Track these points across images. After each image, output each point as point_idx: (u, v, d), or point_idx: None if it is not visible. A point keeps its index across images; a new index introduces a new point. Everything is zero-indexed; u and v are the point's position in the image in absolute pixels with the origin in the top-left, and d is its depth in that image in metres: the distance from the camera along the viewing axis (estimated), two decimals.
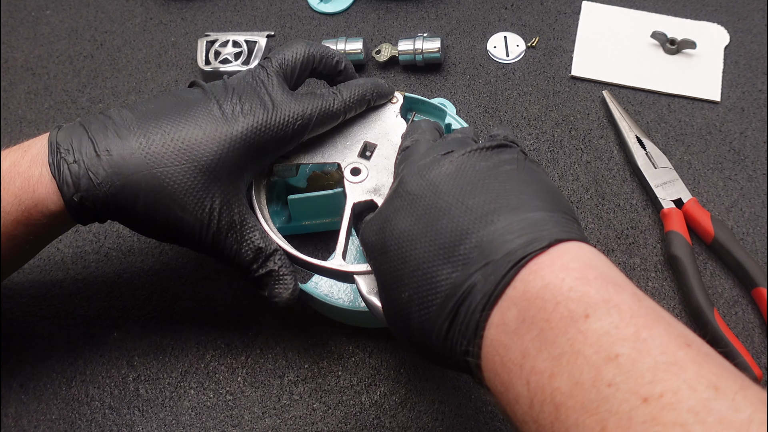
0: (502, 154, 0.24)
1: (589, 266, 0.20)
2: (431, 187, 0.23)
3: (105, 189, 0.26)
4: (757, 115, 0.42)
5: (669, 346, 0.17)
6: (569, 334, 0.18)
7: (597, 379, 0.17)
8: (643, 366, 0.16)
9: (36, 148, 0.28)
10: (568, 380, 0.17)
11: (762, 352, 0.34)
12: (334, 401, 0.34)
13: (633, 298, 0.19)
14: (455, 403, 0.33)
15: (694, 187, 0.39)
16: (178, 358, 0.35)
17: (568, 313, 0.19)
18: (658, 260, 0.37)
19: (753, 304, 0.35)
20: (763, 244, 0.37)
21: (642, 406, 0.16)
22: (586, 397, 0.17)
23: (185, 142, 0.27)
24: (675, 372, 0.16)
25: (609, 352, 0.17)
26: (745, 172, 0.40)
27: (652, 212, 0.39)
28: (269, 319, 0.36)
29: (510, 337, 0.19)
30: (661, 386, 0.16)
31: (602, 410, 0.16)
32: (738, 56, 0.44)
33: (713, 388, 0.16)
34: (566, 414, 0.17)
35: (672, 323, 0.19)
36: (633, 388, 0.16)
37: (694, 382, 0.16)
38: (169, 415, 0.34)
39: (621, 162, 0.41)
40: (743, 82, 0.43)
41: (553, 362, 0.18)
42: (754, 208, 0.38)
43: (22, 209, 0.27)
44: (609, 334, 0.18)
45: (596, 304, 0.18)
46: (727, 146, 0.41)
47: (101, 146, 0.27)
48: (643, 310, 0.19)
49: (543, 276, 0.20)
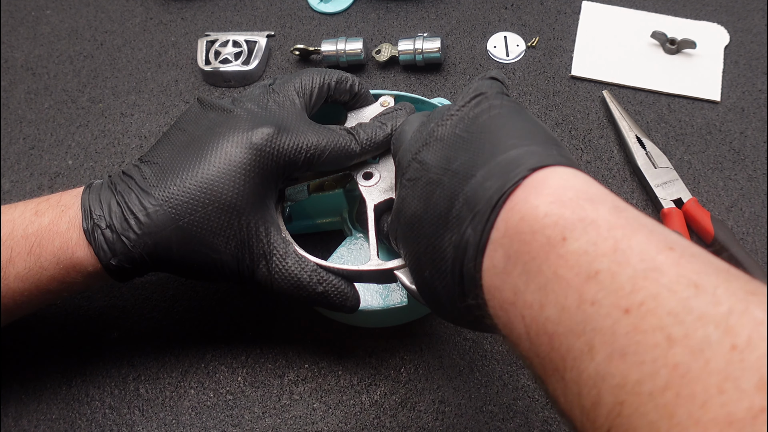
0: (477, 107, 0.24)
1: (564, 187, 0.20)
2: (423, 166, 0.24)
3: (139, 249, 0.27)
4: (757, 115, 0.42)
5: (648, 252, 0.17)
6: (550, 261, 0.18)
7: (580, 300, 0.17)
8: (623, 277, 0.16)
9: (72, 210, 0.29)
10: (555, 307, 0.17)
11: None
12: (334, 401, 0.34)
13: (611, 211, 0.19)
14: (455, 403, 0.33)
15: (694, 186, 0.39)
16: (178, 357, 0.35)
17: (545, 239, 0.18)
18: None
19: None
20: (763, 244, 0.37)
21: (624, 318, 0.16)
22: (572, 320, 0.17)
23: (202, 186, 0.27)
24: (654, 278, 0.16)
25: (589, 271, 0.17)
26: (745, 171, 0.40)
27: (652, 212, 0.39)
28: (269, 319, 0.36)
29: (500, 278, 0.20)
30: (641, 294, 0.16)
31: (588, 330, 0.16)
32: (738, 56, 0.44)
33: (693, 287, 0.15)
34: (558, 341, 0.17)
35: (654, 229, 0.18)
36: (614, 302, 0.16)
37: (674, 283, 0.16)
38: (169, 414, 0.34)
39: (621, 162, 0.41)
40: (743, 81, 0.43)
41: (540, 293, 0.18)
42: (754, 208, 0.38)
43: (60, 268, 0.28)
44: (587, 252, 0.17)
45: (572, 224, 0.18)
46: (727, 146, 0.41)
47: (128, 209, 0.27)
48: (621, 221, 0.18)
49: (519, 209, 0.20)
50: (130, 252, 0.27)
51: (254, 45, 0.45)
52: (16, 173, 0.42)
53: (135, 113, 0.44)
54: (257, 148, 0.27)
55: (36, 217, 0.29)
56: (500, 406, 0.33)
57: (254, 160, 0.27)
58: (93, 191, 0.29)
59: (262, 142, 0.28)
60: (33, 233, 0.28)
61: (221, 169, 0.27)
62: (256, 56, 0.44)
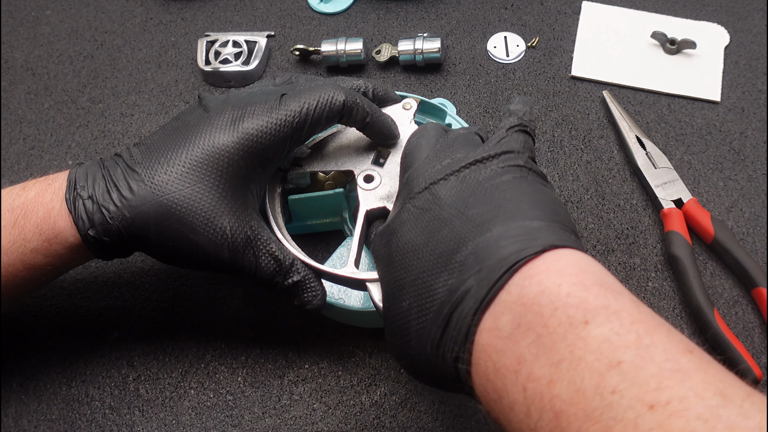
0: (505, 162, 0.24)
1: (585, 272, 0.20)
2: (436, 200, 0.24)
3: (117, 222, 0.28)
4: (757, 115, 0.42)
5: (672, 352, 0.17)
6: (568, 341, 0.18)
7: (600, 386, 0.17)
8: (648, 373, 0.16)
9: (58, 182, 0.29)
10: (568, 387, 0.17)
11: (762, 352, 0.34)
12: (334, 401, 0.34)
13: (632, 304, 0.19)
14: (455, 403, 0.33)
15: (694, 187, 0.39)
16: (178, 358, 0.35)
17: (566, 318, 0.18)
18: (658, 260, 0.37)
19: (753, 304, 0.35)
20: (763, 244, 0.37)
21: (648, 413, 0.15)
22: (588, 405, 0.17)
23: (186, 166, 0.28)
24: (680, 379, 0.16)
25: (611, 359, 0.17)
26: (745, 172, 0.40)
27: (652, 212, 0.39)
28: (269, 319, 0.36)
29: (504, 342, 0.19)
30: (667, 393, 0.16)
31: (606, 417, 0.16)
32: (738, 56, 0.44)
33: (720, 395, 0.16)
34: (567, 422, 0.17)
35: (671, 330, 0.18)
36: (638, 395, 0.16)
37: (701, 389, 0.16)
38: (169, 414, 0.34)
39: (621, 162, 0.41)
40: (743, 82, 0.43)
41: (552, 368, 0.18)
42: (754, 208, 0.38)
43: (43, 239, 0.28)
44: (610, 340, 0.17)
45: (595, 310, 0.18)
46: (727, 146, 0.41)
47: (112, 183, 0.28)
48: (643, 316, 0.18)
49: (539, 281, 0.19)
50: (108, 224, 0.27)
51: (254, 45, 0.45)
52: (16, 173, 0.42)
53: (135, 113, 0.44)
54: (244, 132, 0.28)
55: (23, 191, 0.29)
56: None
57: (239, 147, 0.28)
58: (82, 167, 0.29)
59: (244, 139, 0.28)
60: (19, 206, 0.28)
61: (206, 151, 0.28)
62: (256, 56, 0.44)
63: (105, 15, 0.49)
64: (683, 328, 0.35)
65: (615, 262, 0.37)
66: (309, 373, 0.34)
